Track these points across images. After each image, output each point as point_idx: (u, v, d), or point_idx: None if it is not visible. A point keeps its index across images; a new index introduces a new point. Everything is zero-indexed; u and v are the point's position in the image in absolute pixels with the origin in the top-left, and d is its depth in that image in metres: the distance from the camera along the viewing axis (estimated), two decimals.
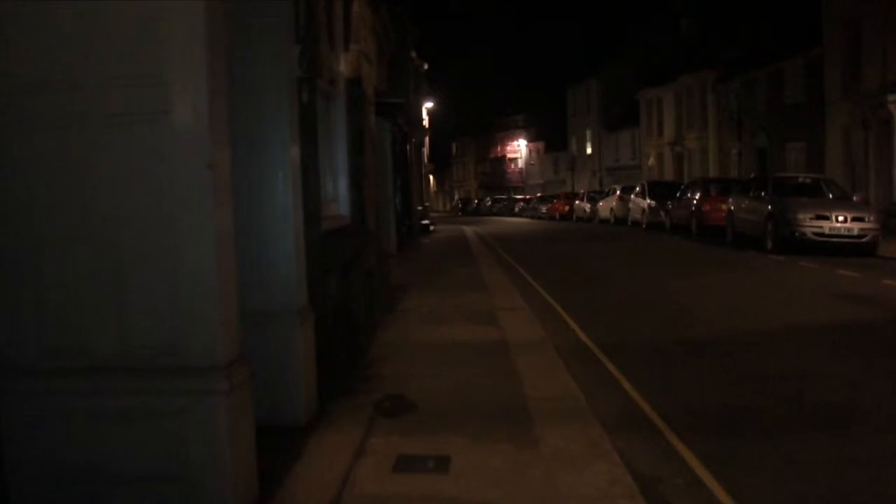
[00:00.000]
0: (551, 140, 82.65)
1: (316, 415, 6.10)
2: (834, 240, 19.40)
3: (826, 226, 19.51)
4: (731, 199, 24.69)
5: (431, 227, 38.40)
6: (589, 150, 73.65)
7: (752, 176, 28.94)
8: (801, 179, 24.29)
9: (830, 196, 21.83)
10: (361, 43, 10.76)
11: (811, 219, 19.66)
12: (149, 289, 4.14)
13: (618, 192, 42.10)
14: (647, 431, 6.18)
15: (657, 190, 35.66)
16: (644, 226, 35.19)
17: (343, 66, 9.74)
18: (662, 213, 32.75)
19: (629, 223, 37.97)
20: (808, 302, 12.56)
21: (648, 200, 35.13)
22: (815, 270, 16.53)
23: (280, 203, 5.72)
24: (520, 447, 5.50)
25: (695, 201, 28.87)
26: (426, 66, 44.69)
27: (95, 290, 4.18)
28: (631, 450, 5.64)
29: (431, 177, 71.83)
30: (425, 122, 44.86)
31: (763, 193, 22.18)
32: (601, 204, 44.78)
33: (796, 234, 19.74)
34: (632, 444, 5.77)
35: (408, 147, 29.15)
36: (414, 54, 37.38)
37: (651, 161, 59.60)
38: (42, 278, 4.22)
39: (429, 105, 47.24)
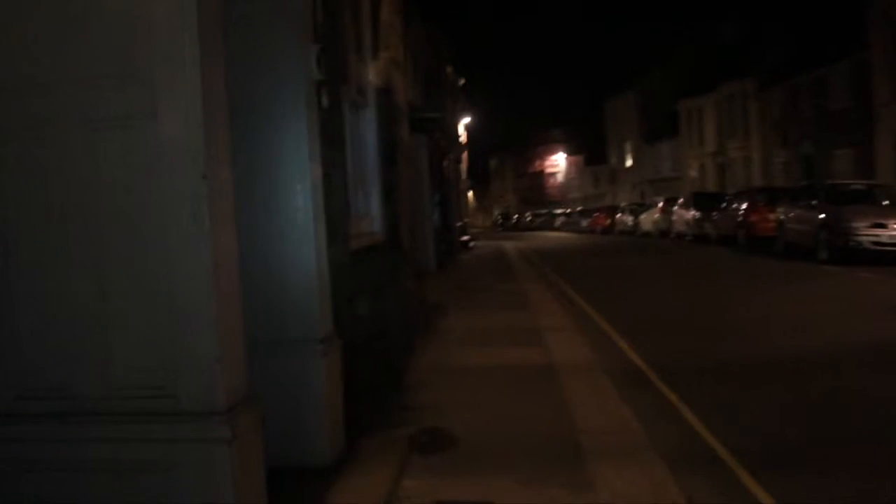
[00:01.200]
0: (590, 153, 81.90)
1: (343, 453, 5.44)
2: (893, 249, 18.44)
3: (884, 234, 18.53)
4: (781, 209, 23.78)
5: (471, 244, 37.85)
6: (629, 163, 72.73)
7: (802, 184, 27.96)
8: (854, 186, 23.32)
9: (887, 203, 20.86)
10: (391, 51, 10.21)
11: (868, 227, 18.70)
12: (135, 320, 3.55)
13: (660, 204, 41.28)
14: (716, 469, 5.46)
15: (701, 201, 34.69)
16: (689, 238, 34.28)
17: (372, 75, 9.18)
18: (708, 225, 31.87)
19: (673, 235, 37.09)
20: (874, 317, 11.69)
21: (693, 212, 34.22)
22: (877, 282, 15.61)
23: (299, 220, 5.11)
24: (573, 491, 4.84)
25: (742, 212, 27.97)
26: (462, 82, 44.21)
27: (74, 321, 3.60)
28: (700, 492, 4.94)
29: (470, 192, 71.34)
30: (463, 138, 44.33)
31: (815, 202, 21.28)
32: (644, 217, 43.98)
33: (852, 243, 18.81)
34: (700, 486, 5.06)
35: (445, 163, 28.62)
36: (450, 69, 36.90)
37: (693, 172, 58.57)
38: (14, 308, 3.66)
39: (466, 120, 46.70)
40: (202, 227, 3.44)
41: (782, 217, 23.32)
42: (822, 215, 20.13)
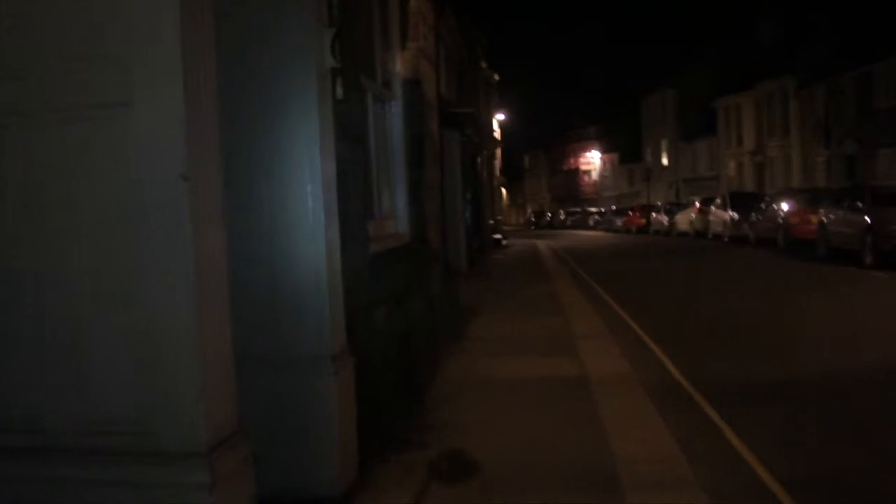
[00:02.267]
0: (625, 151, 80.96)
1: (355, 481, 4.95)
2: None
3: None
4: (823, 211, 23.00)
5: (503, 242, 37.37)
6: (664, 161, 71.79)
7: (845, 185, 27.10)
8: None
9: None
10: (421, 41, 9.70)
11: None
12: (107, 344, 3.07)
13: (697, 203, 40.49)
14: None
15: (739, 201, 33.83)
16: (726, 239, 33.47)
17: (399, 66, 8.69)
18: (746, 226, 31.07)
19: (710, 236, 36.28)
20: None
21: (730, 212, 33.39)
22: None
23: (308, 224, 4.60)
24: None
25: (782, 213, 27.19)
26: (497, 77, 43.68)
27: (38, 344, 3.13)
28: None
29: (503, 190, 70.69)
30: (496, 134, 43.79)
31: (859, 204, 20.51)
32: (679, 216, 43.18)
33: None
34: None
35: (478, 159, 28.13)
36: (484, 64, 36.41)
37: (731, 171, 57.59)
38: None
39: (500, 117, 46.17)
40: (183, 236, 2.95)
41: (824, 219, 22.56)
42: (867, 218, 19.39)
